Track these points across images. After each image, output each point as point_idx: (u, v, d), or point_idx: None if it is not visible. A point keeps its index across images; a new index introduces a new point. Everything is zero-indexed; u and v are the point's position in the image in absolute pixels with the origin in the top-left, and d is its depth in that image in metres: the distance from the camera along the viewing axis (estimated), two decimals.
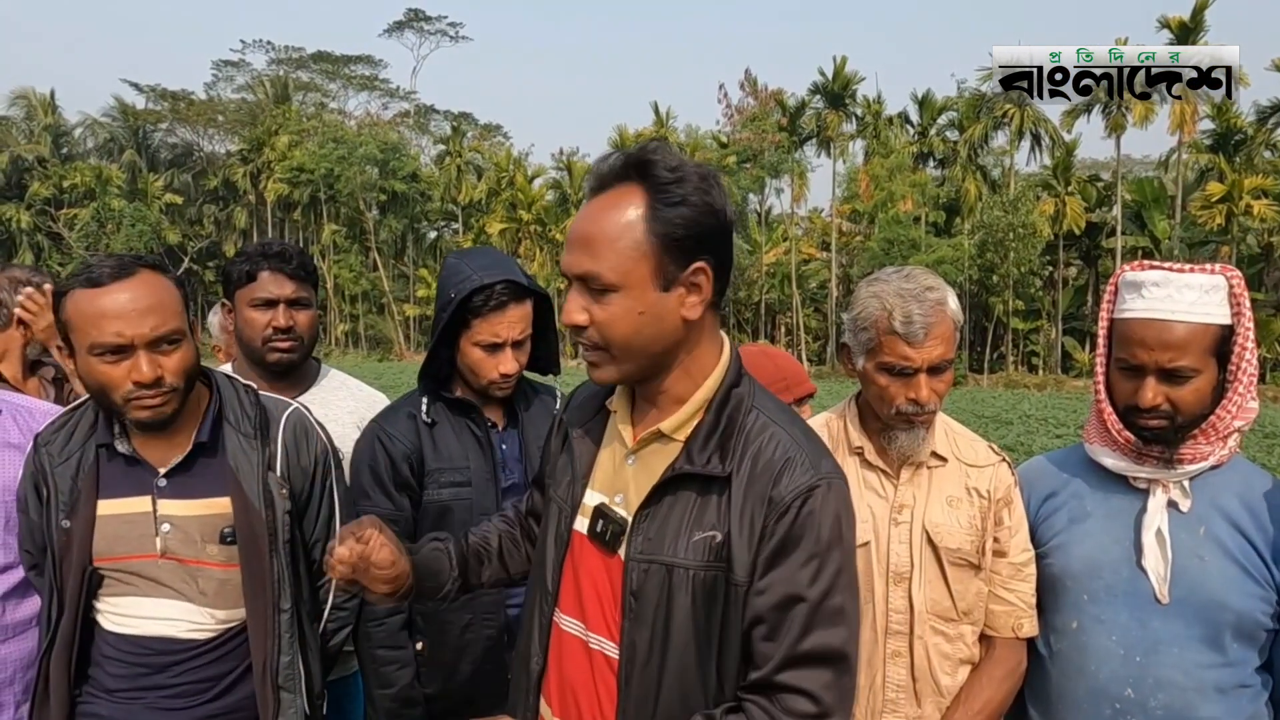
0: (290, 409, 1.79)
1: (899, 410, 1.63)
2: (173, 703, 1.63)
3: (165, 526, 1.62)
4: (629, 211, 1.14)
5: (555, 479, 1.37)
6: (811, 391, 2.47)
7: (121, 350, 1.51)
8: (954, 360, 1.66)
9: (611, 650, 1.23)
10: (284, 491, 1.68)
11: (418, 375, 2.09)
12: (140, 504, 1.63)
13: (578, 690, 1.26)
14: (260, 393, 1.79)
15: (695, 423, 1.23)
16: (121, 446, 1.63)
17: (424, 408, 2.03)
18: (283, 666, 1.66)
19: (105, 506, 1.63)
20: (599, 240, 1.15)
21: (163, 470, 1.63)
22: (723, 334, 1.29)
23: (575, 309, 1.18)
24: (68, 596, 1.61)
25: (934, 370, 1.62)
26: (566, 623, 1.29)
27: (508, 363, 1.97)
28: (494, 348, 1.96)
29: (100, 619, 1.68)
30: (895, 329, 1.59)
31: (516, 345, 1.99)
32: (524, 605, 1.41)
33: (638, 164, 1.16)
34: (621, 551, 1.23)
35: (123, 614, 1.66)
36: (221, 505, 1.64)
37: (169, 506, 1.63)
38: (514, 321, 1.96)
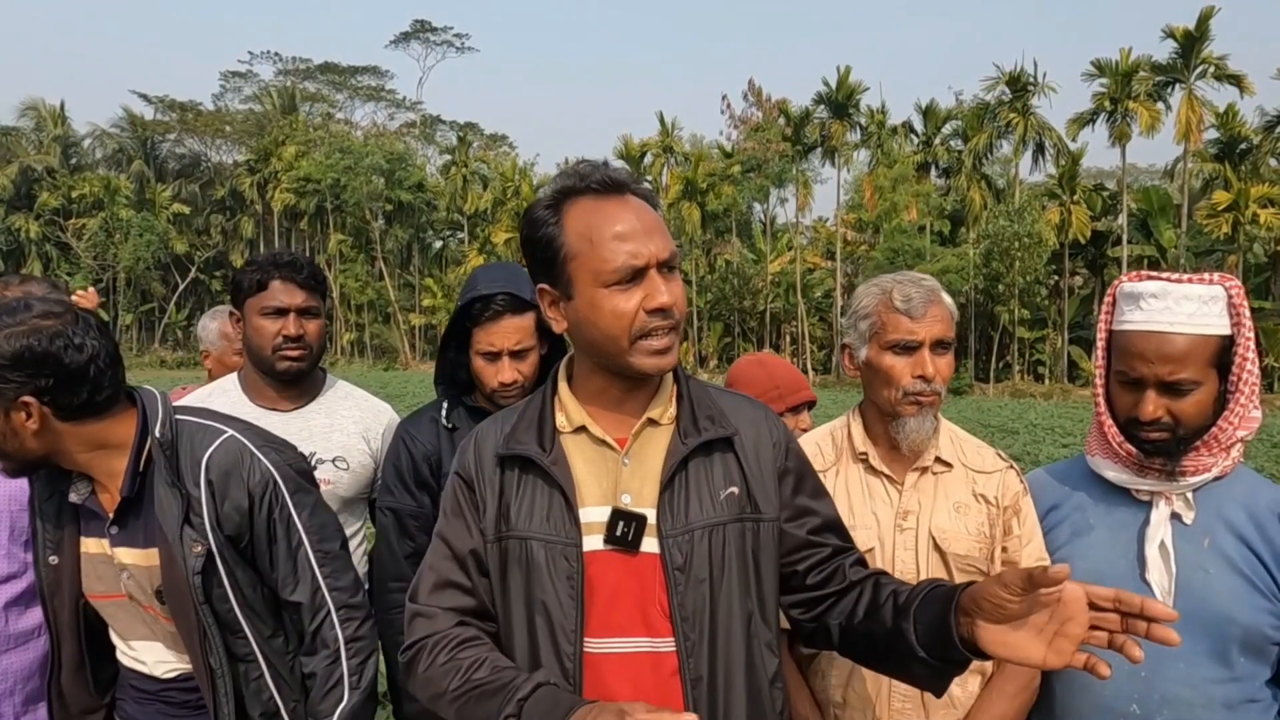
0: (215, 444, 1.59)
1: (906, 391, 1.65)
2: (180, 712, 1.67)
3: (125, 573, 1.60)
4: (652, 208, 1.32)
5: (515, 523, 1.31)
6: (808, 400, 2.46)
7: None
8: (953, 344, 1.69)
9: (665, 644, 1.27)
10: (197, 549, 1.53)
11: (434, 381, 2.18)
12: (103, 546, 1.61)
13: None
14: (186, 422, 1.61)
15: (674, 403, 1.37)
16: (73, 496, 1.60)
17: (444, 413, 2.11)
18: (223, 715, 1.58)
19: (86, 545, 1.64)
20: (661, 224, 1.30)
21: (110, 517, 1.59)
22: None
23: (669, 293, 1.27)
24: (64, 628, 1.65)
25: (936, 347, 1.65)
26: (601, 645, 1.27)
27: (505, 371, 2.02)
28: (492, 357, 2.02)
29: (118, 652, 1.73)
30: (896, 306, 1.66)
31: (515, 355, 2.03)
32: (519, 660, 1.30)
33: (638, 186, 1.34)
34: (645, 545, 1.28)
35: (122, 650, 1.71)
36: (154, 558, 1.57)
37: (122, 553, 1.59)
38: (509, 332, 2.00)
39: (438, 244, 57.30)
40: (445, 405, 2.12)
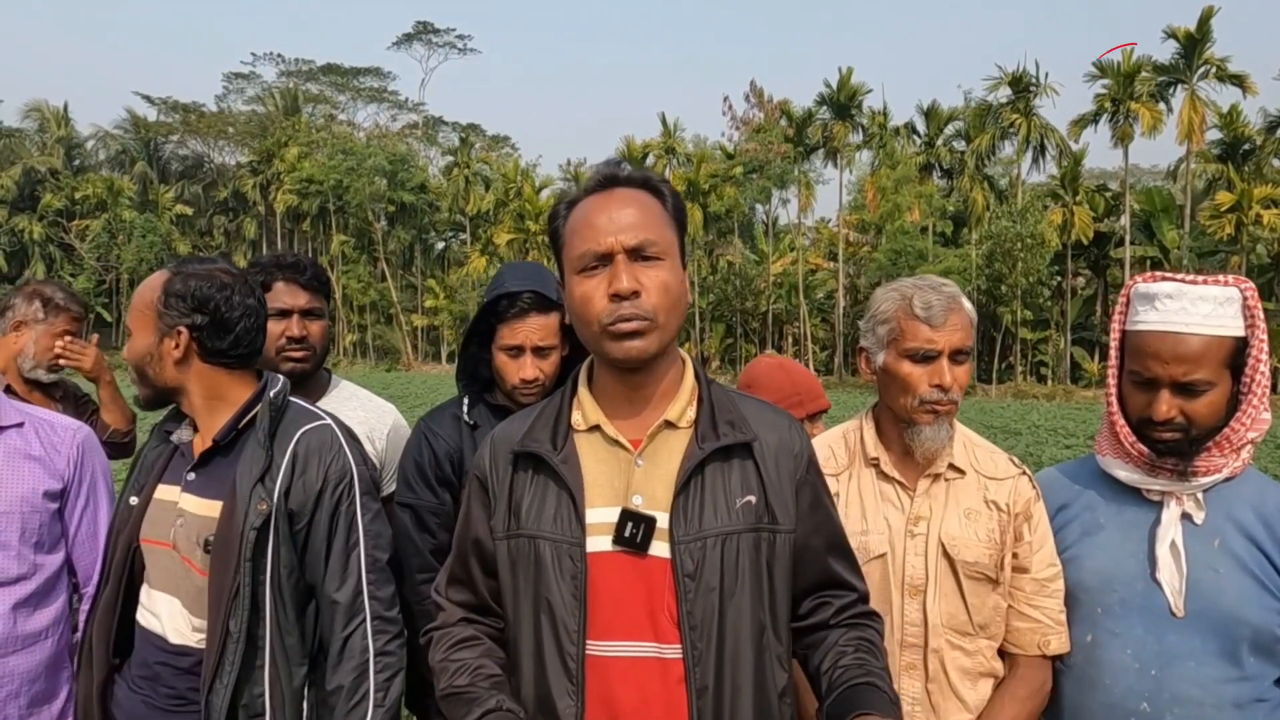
0: (312, 424, 1.72)
1: (923, 400, 1.63)
2: (168, 703, 1.66)
3: (179, 520, 1.67)
4: (654, 199, 1.32)
5: (525, 521, 1.32)
6: (825, 408, 2.46)
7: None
8: (971, 352, 1.67)
9: (672, 651, 1.25)
10: (262, 506, 1.60)
11: (455, 376, 2.19)
12: (173, 493, 1.71)
13: (637, 710, 1.25)
14: (295, 402, 1.77)
15: (694, 405, 1.35)
16: (175, 436, 1.75)
17: (465, 410, 2.12)
18: (214, 693, 1.56)
19: (159, 491, 1.73)
20: (644, 215, 1.28)
21: (191, 464, 1.70)
22: None
23: (628, 277, 1.24)
24: (113, 566, 1.72)
25: (955, 356, 1.63)
26: (606, 648, 1.27)
27: (527, 368, 2.03)
28: (515, 353, 2.04)
29: (137, 610, 1.74)
30: (916, 314, 1.63)
31: (538, 353, 2.04)
32: (524, 658, 1.31)
33: (642, 180, 1.33)
34: (656, 548, 1.27)
35: (143, 604, 1.72)
36: (217, 509, 1.64)
37: (186, 500, 1.68)
38: (534, 329, 2.02)
39: (440, 245, 57.33)
40: (467, 402, 2.13)
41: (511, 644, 1.34)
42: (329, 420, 1.75)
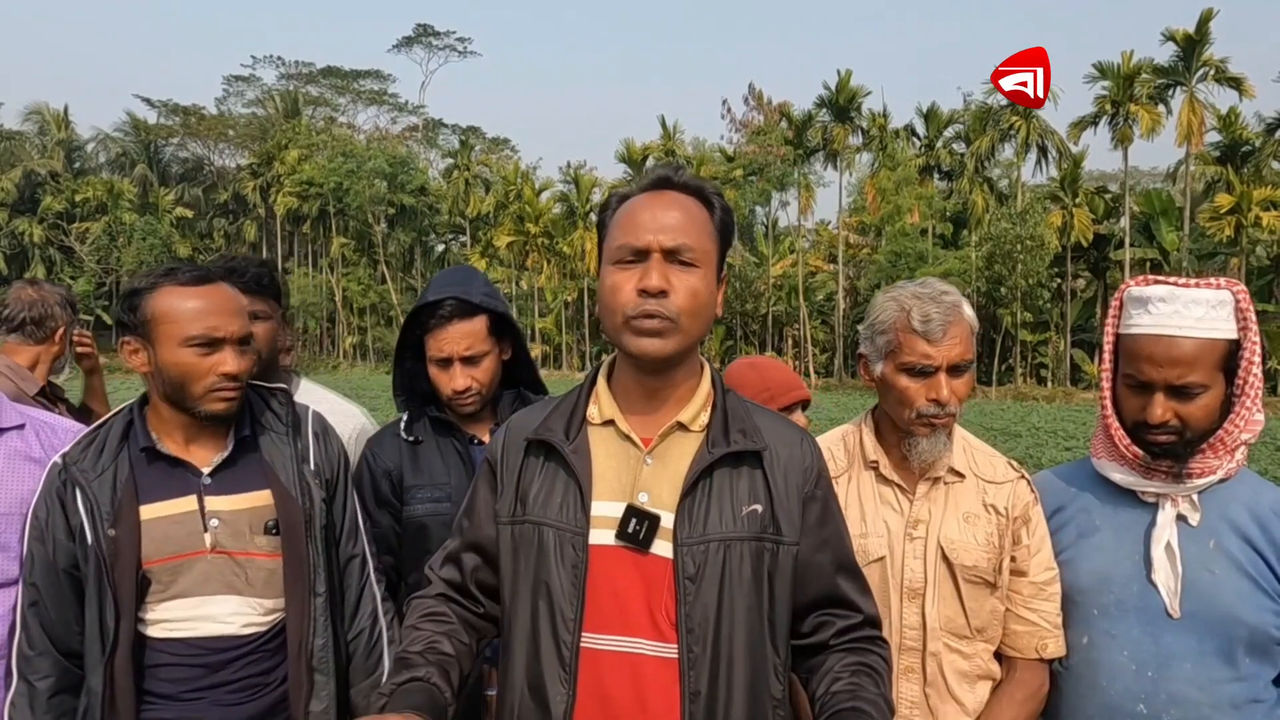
0: (310, 409, 1.89)
1: (920, 413, 1.62)
2: (237, 697, 1.67)
3: (214, 522, 1.68)
4: (703, 208, 1.33)
5: (531, 508, 1.34)
6: (802, 398, 2.42)
7: (215, 344, 1.65)
8: (972, 363, 1.65)
9: (668, 650, 1.26)
10: (317, 480, 1.78)
11: (392, 392, 2.14)
12: (186, 504, 1.68)
13: (629, 706, 1.26)
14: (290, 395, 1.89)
15: (708, 411, 1.35)
16: (164, 448, 1.69)
17: (402, 425, 2.08)
18: (317, 649, 1.72)
19: (148, 511, 1.66)
20: (688, 220, 1.30)
21: (207, 469, 1.70)
22: None
23: (659, 276, 1.26)
24: (123, 600, 1.63)
25: (953, 370, 1.62)
26: (602, 641, 1.27)
27: (457, 378, 1.98)
28: (444, 364, 1.99)
29: (151, 630, 1.68)
30: (914, 327, 1.60)
31: (468, 362, 1.98)
32: (518, 644, 1.33)
33: (696, 188, 1.34)
34: (658, 548, 1.28)
35: (175, 619, 1.68)
36: (264, 498, 1.72)
37: (215, 502, 1.69)
38: (457, 338, 1.96)
39: (440, 247, 57.36)
40: (406, 418, 2.08)
41: (507, 629, 1.36)
42: (312, 407, 1.92)
